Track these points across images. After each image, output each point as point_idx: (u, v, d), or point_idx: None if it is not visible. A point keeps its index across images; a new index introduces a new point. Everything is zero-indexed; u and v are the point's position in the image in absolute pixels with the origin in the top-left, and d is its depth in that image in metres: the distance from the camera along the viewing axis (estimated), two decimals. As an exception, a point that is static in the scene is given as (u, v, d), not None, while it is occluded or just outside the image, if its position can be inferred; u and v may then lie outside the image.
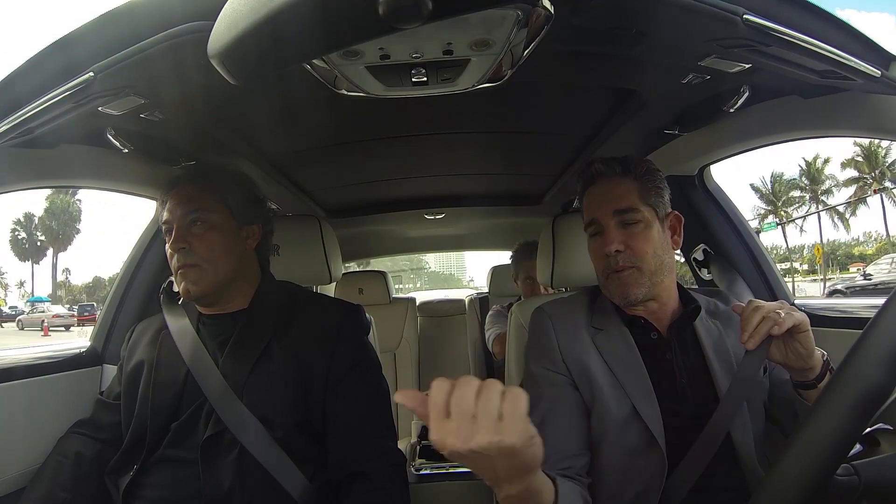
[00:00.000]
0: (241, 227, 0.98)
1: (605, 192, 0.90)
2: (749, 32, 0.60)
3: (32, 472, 0.95)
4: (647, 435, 0.80)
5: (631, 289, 0.86)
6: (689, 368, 0.86)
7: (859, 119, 0.82)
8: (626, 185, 0.89)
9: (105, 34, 0.64)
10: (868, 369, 0.47)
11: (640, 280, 0.86)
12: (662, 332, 0.89)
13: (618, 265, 0.86)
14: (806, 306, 1.15)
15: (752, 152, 1.15)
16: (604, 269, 0.89)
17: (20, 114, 0.67)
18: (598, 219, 0.89)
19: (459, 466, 1.59)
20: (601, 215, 0.89)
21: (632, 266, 0.86)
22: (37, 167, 0.92)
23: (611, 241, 0.86)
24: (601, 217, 0.89)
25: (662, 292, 0.89)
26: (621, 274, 0.86)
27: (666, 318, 0.90)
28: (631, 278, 0.86)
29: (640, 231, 0.87)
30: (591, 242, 0.92)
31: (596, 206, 0.90)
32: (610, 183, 0.90)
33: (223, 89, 0.65)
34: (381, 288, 2.45)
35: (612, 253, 0.86)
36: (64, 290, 39.92)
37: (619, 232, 0.87)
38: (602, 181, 0.91)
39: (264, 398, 0.88)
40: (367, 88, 0.73)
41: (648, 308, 0.90)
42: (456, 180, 1.73)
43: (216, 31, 0.52)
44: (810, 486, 0.47)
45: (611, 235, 0.87)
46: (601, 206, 0.89)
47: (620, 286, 0.87)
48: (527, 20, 0.59)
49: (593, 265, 0.92)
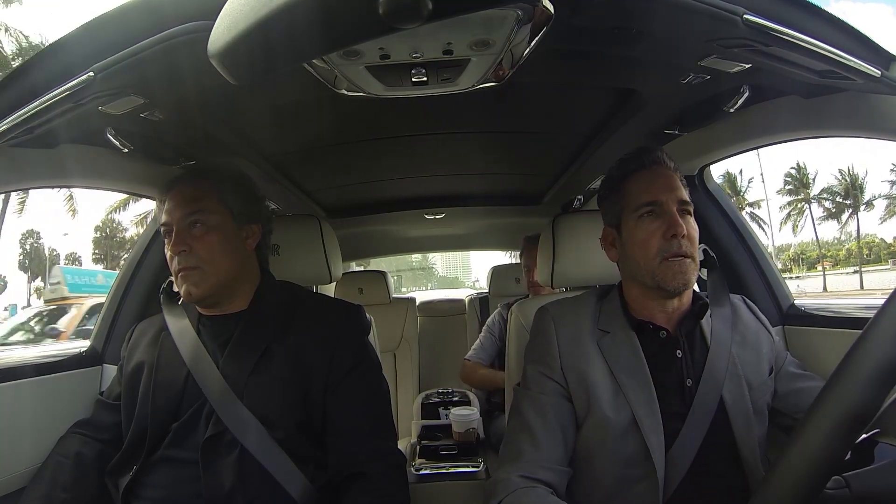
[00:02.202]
0: (240, 228, 0.97)
1: (669, 180, 0.88)
2: (749, 32, 0.60)
3: (32, 472, 0.95)
4: (645, 447, 0.79)
5: (690, 275, 0.85)
6: (697, 368, 0.85)
7: (859, 119, 0.82)
8: (679, 179, 0.89)
9: (105, 34, 0.64)
10: (854, 388, 0.47)
11: (693, 269, 0.86)
12: (671, 330, 0.88)
13: (681, 249, 0.84)
14: (805, 306, 1.16)
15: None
16: (662, 252, 0.85)
17: (20, 114, 0.67)
18: (662, 201, 0.86)
19: (459, 466, 1.60)
20: (666, 199, 0.86)
21: (690, 255, 0.85)
22: (37, 167, 0.92)
23: (680, 224, 0.85)
24: (666, 201, 0.86)
25: (688, 291, 0.89)
26: (684, 259, 0.85)
27: (678, 316, 0.89)
28: (690, 266, 0.85)
29: (693, 224, 0.87)
30: (645, 224, 0.87)
31: (658, 190, 0.87)
32: (668, 171, 0.89)
33: (223, 89, 0.65)
34: (381, 288, 2.45)
35: (680, 236, 0.84)
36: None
37: (679, 218, 0.86)
38: (661, 168, 0.89)
39: (265, 399, 0.88)
40: (367, 88, 0.73)
41: (668, 307, 0.89)
42: (456, 180, 1.73)
43: (216, 31, 0.52)
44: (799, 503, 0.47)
45: (678, 219, 0.85)
46: (665, 192, 0.87)
47: (682, 271, 0.84)
48: (527, 20, 0.59)
49: (640, 252, 0.87)
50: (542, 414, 0.85)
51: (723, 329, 0.88)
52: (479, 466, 1.59)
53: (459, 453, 1.66)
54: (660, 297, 0.88)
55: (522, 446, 0.83)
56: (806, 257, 36.89)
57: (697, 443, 0.79)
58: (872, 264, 31.09)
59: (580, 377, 0.86)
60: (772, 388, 0.88)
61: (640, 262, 0.87)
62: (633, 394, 0.82)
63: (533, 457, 0.81)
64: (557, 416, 0.85)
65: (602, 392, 0.83)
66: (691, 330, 0.89)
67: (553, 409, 0.85)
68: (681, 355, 0.86)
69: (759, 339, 0.91)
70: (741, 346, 0.88)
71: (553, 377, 0.88)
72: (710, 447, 0.80)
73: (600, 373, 0.85)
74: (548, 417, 0.85)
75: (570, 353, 0.88)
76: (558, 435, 0.84)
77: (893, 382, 0.47)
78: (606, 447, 0.82)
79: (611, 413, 0.82)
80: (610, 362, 0.86)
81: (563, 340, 0.89)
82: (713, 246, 1.10)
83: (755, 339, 0.90)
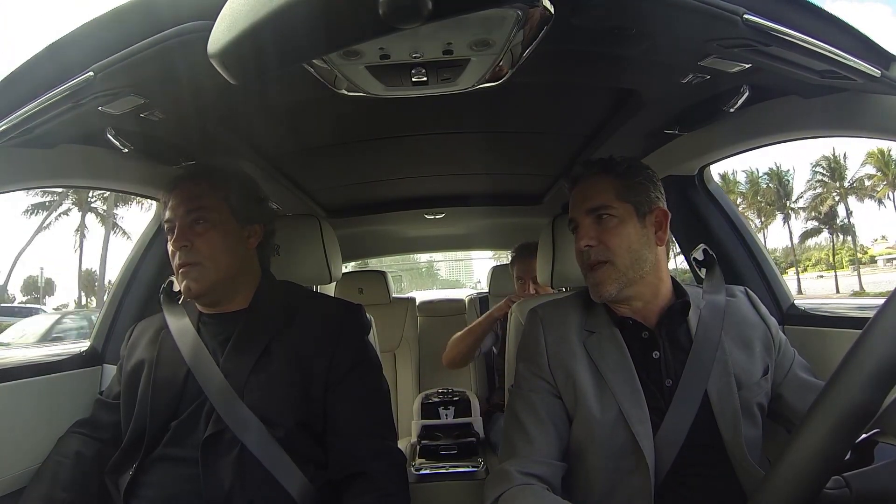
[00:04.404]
0: (242, 227, 0.98)
1: (582, 192, 0.93)
2: (749, 32, 0.60)
3: (32, 472, 0.95)
4: (634, 438, 0.80)
5: (604, 285, 0.88)
6: (678, 367, 0.85)
7: (859, 119, 0.82)
8: (602, 183, 0.91)
9: (104, 34, 0.64)
10: (854, 388, 0.47)
11: (613, 275, 0.87)
12: (652, 329, 0.89)
13: (590, 259, 0.88)
14: (805, 306, 1.16)
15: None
16: (581, 266, 0.92)
17: (20, 113, 0.67)
18: (575, 218, 0.92)
19: (459, 466, 1.60)
20: (576, 214, 0.92)
21: (605, 261, 0.87)
22: (37, 167, 0.92)
23: (582, 236, 0.90)
24: (576, 215, 0.92)
25: (645, 290, 0.90)
26: (595, 270, 0.88)
27: (654, 316, 0.90)
28: (605, 274, 0.87)
29: (612, 226, 0.88)
30: (574, 241, 0.94)
31: (573, 207, 0.93)
32: (587, 183, 0.93)
33: (223, 89, 0.65)
34: (381, 288, 2.45)
35: (582, 248, 0.89)
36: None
37: (591, 228, 0.89)
38: (581, 182, 0.94)
39: (265, 398, 0.89)
40: (367, 88, 0.73)
41: (633, 307, 0.91)
42: (456, 180, 1.73)
43: (216, 31, 0.52)
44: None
45: (582, 231, 0.90)
46: (577, 206, 0.92)
47: (594, 282, 0.89)
48: (527, 20, 0.59)
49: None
50: (533, 411, 0.87)
51: (712, 325, 0.88)
52: (479, 466, 1.59)
53: (459, 453, 1.66)
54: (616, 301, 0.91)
55: (517, 443, 0.85)
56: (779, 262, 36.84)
57: (681, 437, 0.80)
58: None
59: (567, 376, 0.87)
60: (766, 389, 0.87)
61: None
62: (619, 389, 0.84)
63: (527, 452, 0.83)
64: (549, 413, 0.87)
65: (588, 389, 0.85)
66: (674, 328, 0.89)
67: (544, 407, 0.87)
68: (658, 356, 0.86)
69: (753, 335, 0.90)
70: (733, 343, 0.88)
71: (542, 376, 0.90)
72: (696, 445, 0.80)
73: (586, 371, 0.87)
74: (539, 415, 0.86)
75: (557, 352, 0.90)
76: (551, 430, 0.86)
77: (893, 382, 0.47)
78: (596, 442, 0.83)
79: (597, 410, 0.83)
80: (595, 361, 0.87)
81: (550, 340, 0.92)
82: (713, 246, 1.10)
83: (749, 336, 0.90)
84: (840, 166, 27.89)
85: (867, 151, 26.82)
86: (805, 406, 0.85)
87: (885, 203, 26.37)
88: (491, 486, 0.81)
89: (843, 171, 27.91)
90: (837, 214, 27.89)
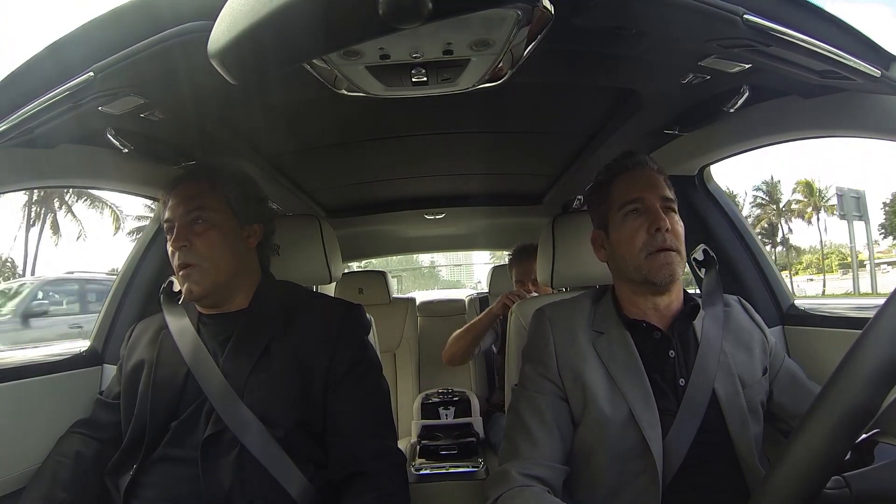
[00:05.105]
0: (242, 227, 0.98)
1: (651, 179, 0.91)
2: (749, 32, 0.60)
3: (32, 472, 0.95)
4: (643, 440, 0.80)
5: (675, 268, 0.87)
6: (689, 367, 0.86)
7: (859, 119, 0.82)
8: (662, 178, 0.92)
9: (105, 34, 0.64)
10: (854, 388, 0.47)
11: (679, 263, 0.88)
12: (664, 330, 0.89)
13: (665, 243, 0.86)
14: (805, 307, 1.16)
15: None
16: (647, 248, 0.87)
17: (20, 114, 0.67)
18: (644, 198, 0.89)
19: (459, 466, 1.60)
20: (649, 196, 0.89)
21: (675, 249, 0.87)
22: (37, 167, 0.92)
23: (662, 218, 0.87)
24: (649, 198, 0.89)
25: (676, 288, 0.91)
26: (669, 252, 0.87)
27: (670, 316, 0.91)
28: (675, 259, 0.87)
29: (678, 219, 0.90)
30: (630, 221, 0.90)
31: (641, 188, 0.90)
32: (651, 172, 0.92)
33: (223, 89, 0.65)
34: (381, 288, 2.45)
35: (663, 229, 0.87)
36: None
37: (665, 215, 0.88)
38: (644, 169, 0.92)
39: (265, 398, 0.88)
40: (367, 88, 0.73)
41: (659, 305, 0.90)
42: (456, 180, 1.73)
43: (216, 31, 0.52)
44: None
45: (660, 214, 0.88)
46: (648, 189, 0.90)
47: (667, 263, 0.86)
48: (527, 20, 0.59)
49: (626, 248, 0.90)
50: (538, 413, 0.86)
51: (714, 329, 0.89)
52: (478, 466, 1.59)
53: (459, 453, 1.66)
54: (649, 294, 0.90)
55: (520, 445, 0.84)
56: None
57: (690, 438, 0.80)
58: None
59: (576, 377, 0.87)
60: (765, 388, 0.89)
61: (627, 259, 0.89)
62: (630, 390, 0.83)
63: (530, 454, 0.83)
64: (554, 416, 0.86)
65: (598, 390, 0.84)
66: (684, 330, 0.90)
67: (549, 409, 0.87)
68: (673, 355, 0.87)
69: (752, 339, 0.92)
70: (734, 346, 0.89)
71: (549, 377, 0.89)
72: (705, 444, 0.81)
73: (596, 372, 0.86)
74: (545, 416, 0.86)
75: (565, 353, 0.89)
76: (555, 433, 0.85)
77: (893, 382, 0.47)
78: (605, 444, 0.82)
79: (608, 411, 0.83)
80: (605, 361, 0.87)
81: (559, 341, 0.91)
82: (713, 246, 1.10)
83: (748, 339, 0.92)
84: (776, 190, 31.86)
85: (796, 181, 32.07)
86: (792, 402, 0.88)
87: (812, 222, 30.92)
88: (491, 487, 0.81)
89: (778, 195, 31.85)
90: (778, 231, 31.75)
